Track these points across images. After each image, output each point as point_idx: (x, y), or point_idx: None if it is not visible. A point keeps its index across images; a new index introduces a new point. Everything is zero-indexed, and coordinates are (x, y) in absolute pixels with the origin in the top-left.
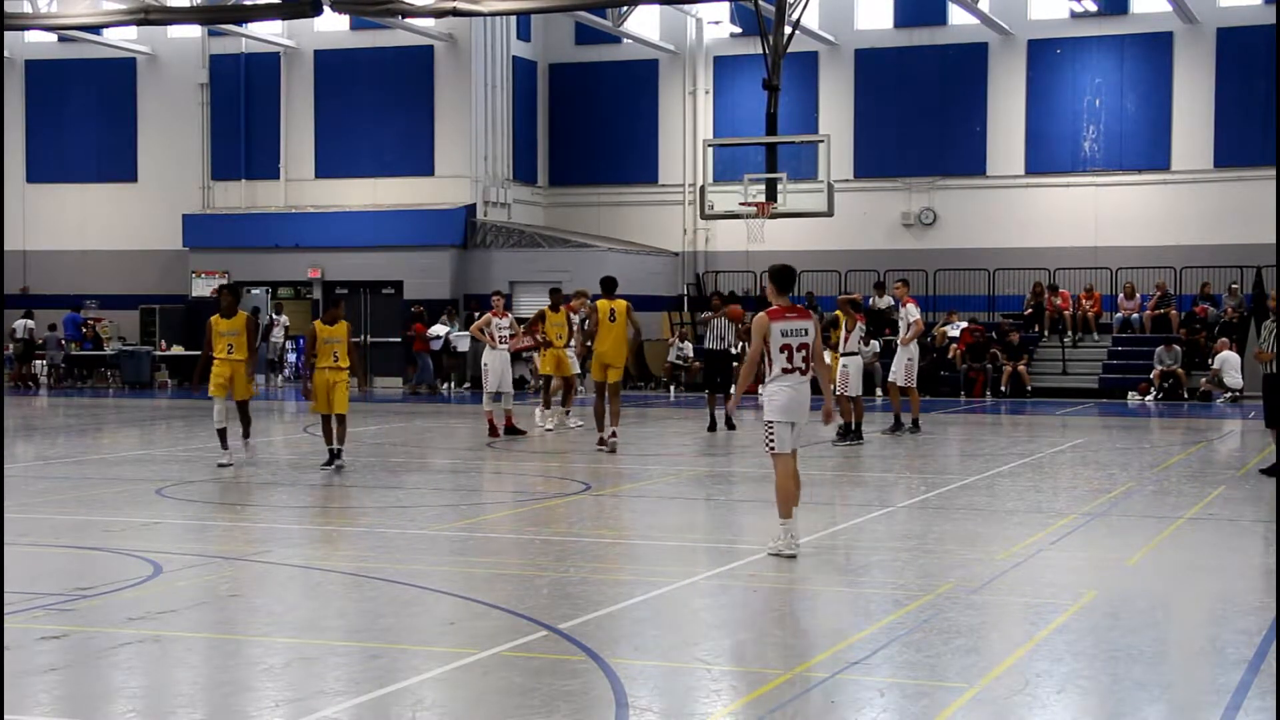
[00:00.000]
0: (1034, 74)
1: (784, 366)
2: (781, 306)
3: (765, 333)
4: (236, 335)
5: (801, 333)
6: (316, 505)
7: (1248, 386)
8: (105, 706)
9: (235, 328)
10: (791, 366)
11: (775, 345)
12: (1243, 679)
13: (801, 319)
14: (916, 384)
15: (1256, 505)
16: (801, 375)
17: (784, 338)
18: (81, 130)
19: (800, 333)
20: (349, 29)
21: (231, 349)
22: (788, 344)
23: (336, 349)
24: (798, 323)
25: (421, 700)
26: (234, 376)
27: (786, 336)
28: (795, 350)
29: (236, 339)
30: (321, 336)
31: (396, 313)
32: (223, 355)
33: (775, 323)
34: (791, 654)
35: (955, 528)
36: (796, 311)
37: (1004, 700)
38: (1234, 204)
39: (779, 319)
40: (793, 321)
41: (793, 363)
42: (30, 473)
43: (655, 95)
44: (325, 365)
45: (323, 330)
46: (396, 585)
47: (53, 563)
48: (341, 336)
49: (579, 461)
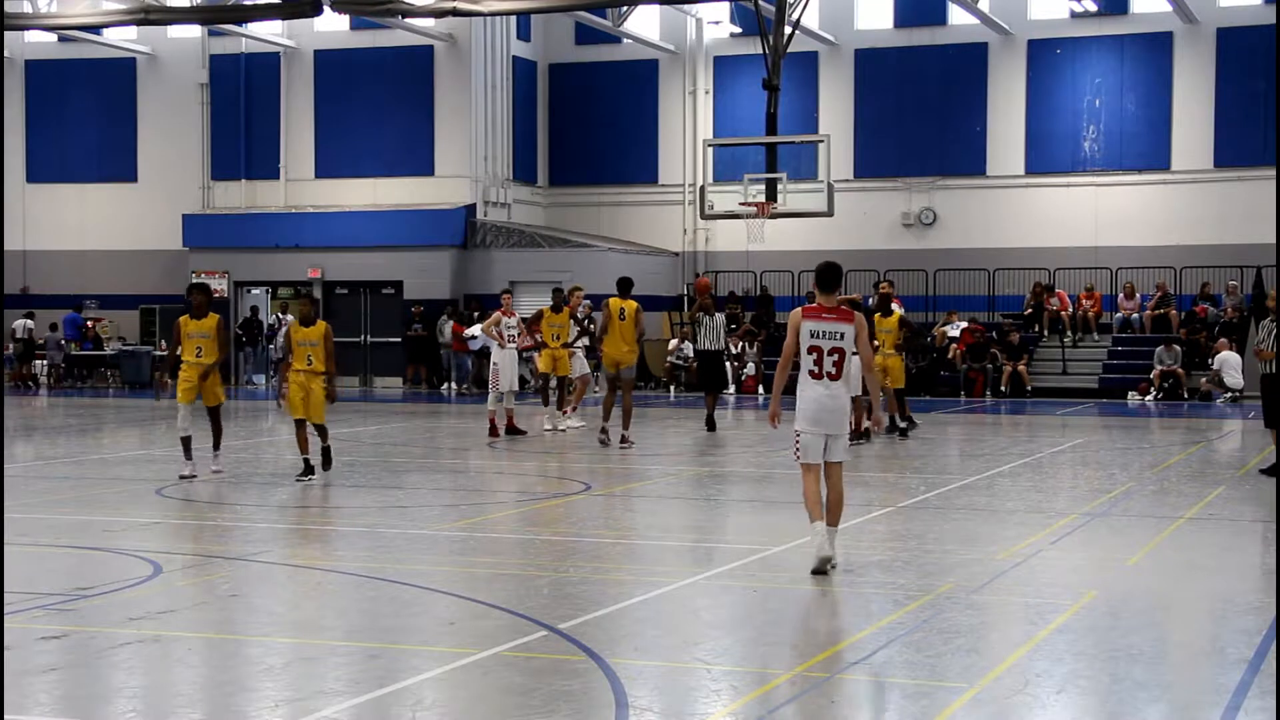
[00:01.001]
0: (1034, 74)
1: (810, 370)
2: (820, 305)
3: (795, 328)
4: (207, 338)
5: (835, 335)
6: (316, 505)
7: (1248, 386)
8: (105, 706)
9: (206, 329)
10: (820, 371)
11: (803, 345)
12: (1243, 679)
13: (840, 321)
14: (903, 384)
15: (1256, 505)
16: (832, 380)
17: (812, 338)
18: (81, 130)
19: (834, 335)
20: (349, 29)
21: (201, 352)
22: (816, 346)
23: (311, 352)
24: (833, 324)
25: (421, 700)
26: (204, 382)
27: (815, 338)
28: (825, 354)
29: (207, 342)
30: (295, 338)
31: (397, 313)
32: (191, 359)
33: (806, 320)
34: (791, 654)
35: (955, 528)
36: (835, 312)
37: (1004, 700)
38: (1234, 204)
39: (812, 317)
40: (827, 322)
41: (821, 367)
42: (30, 473)
43: (655, 95)
44: (300, 368)
45: (297, 331)
46: (396, 585)
47: (53, 563)
48: (318, 339)
49: (579, 461)
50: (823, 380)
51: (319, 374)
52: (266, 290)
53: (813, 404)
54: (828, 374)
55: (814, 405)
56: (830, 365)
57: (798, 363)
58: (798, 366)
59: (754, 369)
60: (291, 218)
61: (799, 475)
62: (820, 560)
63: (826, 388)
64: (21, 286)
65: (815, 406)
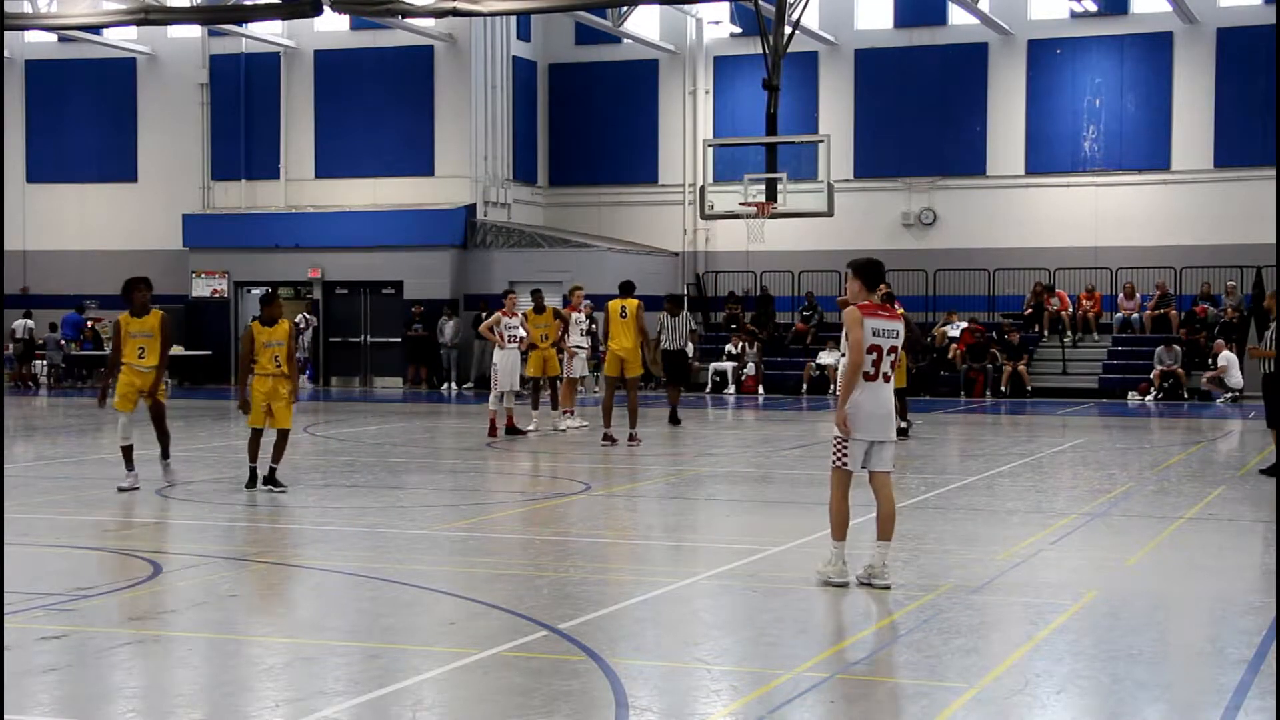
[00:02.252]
0: (1034, 74)
1: (867, 372)
2: (873, 303)
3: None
4: (150, 337)
5: (893, 334)
6: (316, 505)
7: (1248, 386)
8: (105, 706)
9: (148, 328)
10: (876, 372)
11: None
12: (1243, 679)
13: (893, 319)
14: (904, 383)
15: (1256, 505)
16: (886, 382)
17: (874, 337)
18: (81, 130)
19: (892, 334)
20: (349, 29)
21: (143, 353)
22: (877, 345)
23: (278, 353)
24: (889, 322)
25: (421, 700)
26: (146, 386)
27: (878, 336)
28: (885, 353)
29: (150, 342)
30: (260, 339)
31: (397, 313)
32: (132, 360)
33: (868, 319)
34: (791, 654)
35: (955, 528)
36: (888, 310)
37: (1004, 700)
38: (1234, 204)
39: (871, 315)
40: (884, 320)
41: (879, 368)
42: (30, 473)
43: (655, 95)
44: (266, 372)
45: (261, 332)
46: (396, 585)
47: (53, 563)
48: (283, 339)
49: (579, 461)
50: (876, 380)
51: (286, 377)
52: (266, 290)
53: (866, 408)
54: (884, 374)
55: (867, 409)
56: (888, 366)
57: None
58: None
59: (754, 369)
60: (291, 218)
61: (799, 475)
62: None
63: (878, 389)
64: (21, 286)
65: (869, 409)
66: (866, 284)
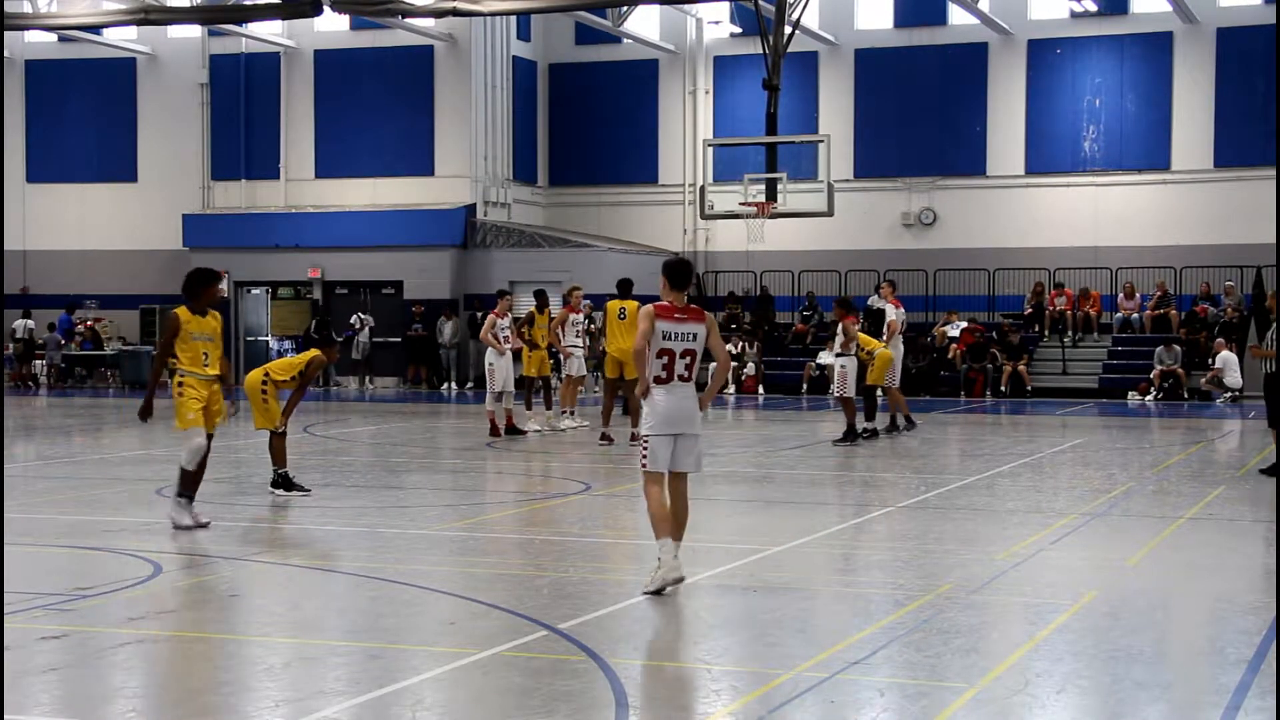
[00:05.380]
0: (1034, 74)
1: (659, 375)
2: (674, 304)
3: (646, 321)
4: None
5: (688, 338)
6: (316, 505)
7: (1249, 386)
8: (105, 706)
9: (210, 330)
10: (669, 375)
11: (654, 348)
12: (1243, 679)
13: (691, 323)
14: (899, 383)
15: (1256, 505)
16: (683, 383)
17: (665, 340)
18: (81, 130)
19: (686, 338)
20: (349, 29)
21: (208, 359)
22: (668, 349)
23: (207, 348)
24: (685, 326)
25: (421, 700)
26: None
27: (668, 340)
28: (678, 356)
29: (212, 347)
30: (188, 329)
31: (397, 313)
32: (197, 367)
33: (660, 321)
34: (791, 654)
35: (955, 528)
36: (686, 314)
37: (1004, 700)
38: (1234, 204)
39: (666, 317)
40: (679, 324)
41: (671, 370)
42: (30, 473)
43: (655, 95)
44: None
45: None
46: (396, 585)
47: (53, 563)
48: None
49: (579, 461)
50: (672, 382)
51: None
52: (266, 290)
53: (660, 406)
54: (679, 376)
55: (661, 408)
56: (682, 368)
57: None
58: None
59: (754, 369)
60: (291, 218)
61: (799, 475)
62: (665, 582)
63: (676, 389)
64: (21, 286)
65: (663, 409)
66: (671, 284)
